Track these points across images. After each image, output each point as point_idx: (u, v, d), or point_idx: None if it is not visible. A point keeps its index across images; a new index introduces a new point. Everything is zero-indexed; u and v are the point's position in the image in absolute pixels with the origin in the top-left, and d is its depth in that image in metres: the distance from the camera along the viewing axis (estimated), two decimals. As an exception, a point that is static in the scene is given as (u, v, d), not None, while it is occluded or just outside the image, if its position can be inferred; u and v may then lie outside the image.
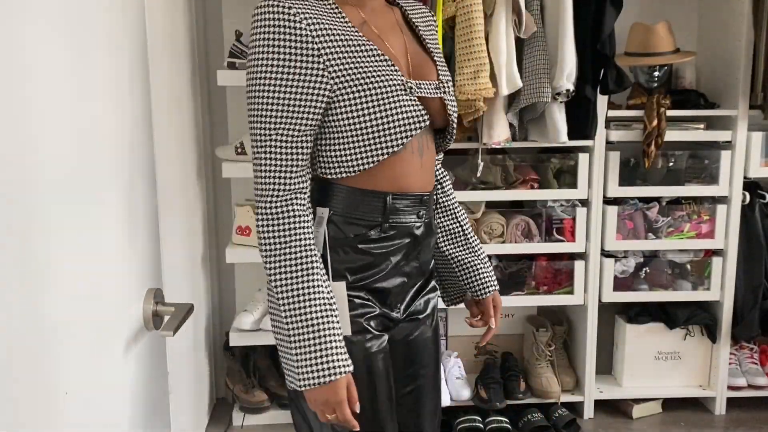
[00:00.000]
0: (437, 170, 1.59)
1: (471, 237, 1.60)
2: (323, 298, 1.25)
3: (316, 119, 1.27)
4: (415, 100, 1.31)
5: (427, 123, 1.33)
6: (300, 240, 1.26)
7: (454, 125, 1.46)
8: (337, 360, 1.24)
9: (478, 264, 1.58)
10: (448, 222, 1.59)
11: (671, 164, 2.81)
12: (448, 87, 1.42)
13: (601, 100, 2.64)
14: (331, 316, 1.25)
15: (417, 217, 1.38)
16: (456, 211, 1.60)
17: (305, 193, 1.30)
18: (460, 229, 1.58)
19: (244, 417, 2.82)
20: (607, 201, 2.78)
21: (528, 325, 3.00)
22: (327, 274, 1.31)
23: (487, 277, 1.59)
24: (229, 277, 3.06)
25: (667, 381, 2.96)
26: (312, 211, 1.32)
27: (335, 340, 1.24)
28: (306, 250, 1.26)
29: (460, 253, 1.58)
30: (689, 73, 2.92)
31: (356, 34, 1.29)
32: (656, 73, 2.80)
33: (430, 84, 1.37)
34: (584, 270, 2.81)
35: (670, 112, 2.68)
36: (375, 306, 1.38)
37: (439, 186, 1.59)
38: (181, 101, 2.48)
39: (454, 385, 2.85)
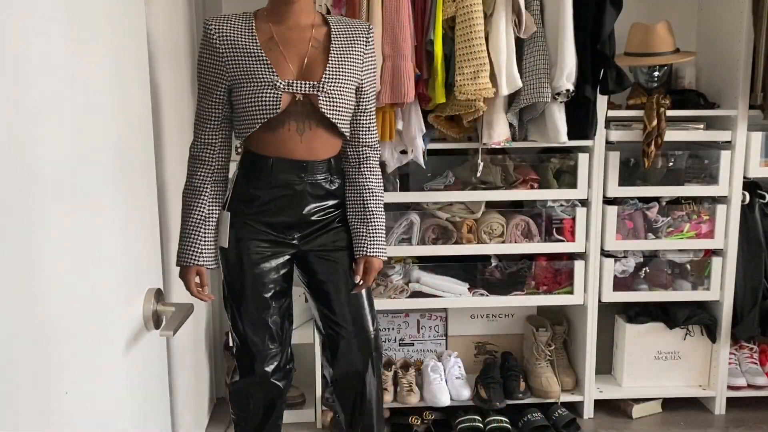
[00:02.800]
0: (360, 153, 2.03)
1: (369, 209, 2.03)
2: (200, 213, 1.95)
3: (221, 97, 1.91)
4: (276, 93, 1.83)
5: (278, 110, 1.84)
6: (198, 175, 1.94)
7: (339, 119, 1.91)
8: (190, 254, 1.93)
9: (363, 232, 2.02)
10: (352, 194, 2.04)
11: (671, 164, 2.82)
12: (329, 88, 1.87)
13: (601, 100, 2.64)
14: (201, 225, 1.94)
15: (297, 177, 1.92)
16: (364, 187, 2.03)
17: (215, 144, 1.94)
18: (360, 201, 2.03)
19: (244, 417, 2.81)
20: (607, 201, 2.78)
21: (528, 325, 3.00)
22: (224, 206, 1.97)
23: (366, 243, 2.02)
24: (229, 277, 3.06)
25: (667, 381, 2.96)
26: (223, 156, 1.97)
27: (195, 241, 1.93)
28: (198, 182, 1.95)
29: (353, 221, 2.04)
30: (689, 73, 2.92)
31: (255, 45, 1.86)
32: (656, 73, 2.80)
33: (306, 84, 1.86)
34: (584, 270, 2.81)
35: (670, 112, 2.68)
36: (269, 233, 1.97)
37: (356, 165, 2.04)
38: (181, 101, 2.48)
39: (454, 384, 2.85)
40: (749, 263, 2.84)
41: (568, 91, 2.49)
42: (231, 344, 2.14)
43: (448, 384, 2.85)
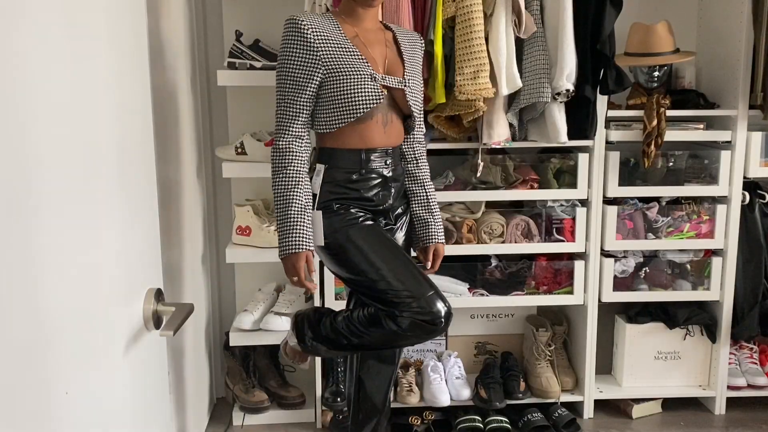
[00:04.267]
0: (415, 149, 2.18)
1: (431, 200, 2.20)
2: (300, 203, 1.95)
3: (313, 91, 1.95)
4: (376, 85, 1.95)
5: (381, 100, 1.95)
6: (292, 167, 1.96)
7: (415, 112, 2.08)
8: (298, 241, 1.92)
9: (431, 221, 2.19)
10: (416, 188, 2.20)
11: (671, 164, 2.82)
12: (411, 84, 2.05)
13: (601, 100, 2.64)
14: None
15: (384, 164, 2.04)
16: (424, 180, 2.20)
17: (303, 137, 1.98)
18: (424, 193, 2.19)
19: (244, 417, 2.82)
20: (607, 201, 2.78)
21: (528, 325, 3.00)
22: (314, 206, 1.99)
23: (434, 232, 2.19)
24: (229, 277, 3.06)
25: (667, 381, 2.96)
26: (309, 149, 2.01)
27: (300, 228, 1.93)
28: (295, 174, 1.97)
29: (420, 211, 2.19)
30: (689, 73, 2.92)
31: (345, 40, 1.96)
32: (656, 73, 2.80)
33: (394, 79, 2.00)
34: (584, 270, 2.81)
35: (670, 112, 2.68)
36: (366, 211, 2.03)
37: (413, 161, 2.18)
38: (181, 101, 2.48)
39: (454, 384, 2.85)
40: (749, 263, 2.84)
41: (568, 91, 2.49)
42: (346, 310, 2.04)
43: (448, 384, 2.85)
